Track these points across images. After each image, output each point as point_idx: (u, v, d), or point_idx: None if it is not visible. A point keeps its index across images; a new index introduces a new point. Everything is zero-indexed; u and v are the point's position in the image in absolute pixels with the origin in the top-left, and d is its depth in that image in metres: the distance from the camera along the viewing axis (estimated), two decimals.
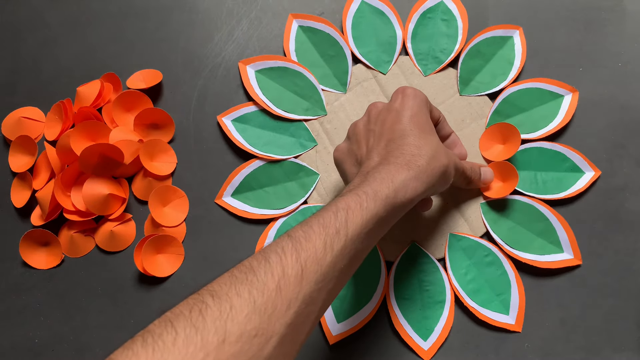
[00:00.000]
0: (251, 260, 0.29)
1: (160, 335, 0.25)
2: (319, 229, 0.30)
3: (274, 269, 0.28)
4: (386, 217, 0.34)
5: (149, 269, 0.46)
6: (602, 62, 0.50)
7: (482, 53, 0.50)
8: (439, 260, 0.46)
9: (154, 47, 0.53)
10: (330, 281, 0.30)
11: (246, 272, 0.28)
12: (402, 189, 0.34)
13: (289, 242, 0.30)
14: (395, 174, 0.35)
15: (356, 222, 0.31)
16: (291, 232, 0.31)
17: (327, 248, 0.30)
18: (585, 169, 0.47)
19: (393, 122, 0.39)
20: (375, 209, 0.33)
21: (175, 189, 0.49)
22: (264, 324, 0.26)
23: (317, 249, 0.29)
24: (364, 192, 0.33)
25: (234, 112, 0.50)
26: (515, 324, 0.44)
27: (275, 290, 0.27)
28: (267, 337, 0.26)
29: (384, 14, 0.51)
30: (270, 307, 0.27)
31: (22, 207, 0.49)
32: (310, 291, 0.29)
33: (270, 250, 0.29)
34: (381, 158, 0.37)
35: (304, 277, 0.28)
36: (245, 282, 0.27)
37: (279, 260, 0.28)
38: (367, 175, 0.35)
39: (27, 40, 0.54)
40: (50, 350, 0.47)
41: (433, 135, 0.39)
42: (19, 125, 0.51)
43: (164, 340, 0.24)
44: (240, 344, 0.25)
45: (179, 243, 0.48)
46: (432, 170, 0.36)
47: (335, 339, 0.45)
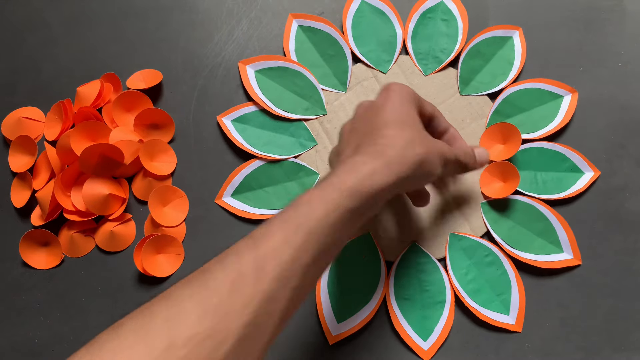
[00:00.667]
0: (210, 263, 0.29)
1: (105, 343, 0.25)
2: (279, 224, 0.30)
3: (229, 269, 0.28)
4: (354, 208, 0.32)
5: (148, 269, 0.46)
6: (602, 62, 0.50)
7: (482, 53, 0.50)
8: (439, 260, 0.46)
9: (154, 47, 0.53)
10: (293, 278, 0.29)
11: (202, 273, 0.28)
12: (369, 179, 0.32)
13: (248, 241, 0.29)
14: (362, 164, 0.33)
15: (318, 215, 0.30)
16: (253, 231, 0.30)
17: (286, 244, 0.29)
18: (585, 169, 0.47)
19: (372, 116, 0.37)
20: (339, 200, 0.31)
21: (175, 189, 0.49)
22: (217, 325, 0.26)
23: (275, 246, 0.29)
24: (328, 184, 0.32)
25: (233, 112, 0.50)
26: (515, 324, 0.44)
27: (229, 290, 0.27)
28: (222, 339, 0.26)
29: (384, 14, 0.51)
30: (223, 307, 0.26)
31: (22, 207, 0.49)
32: (269, 289, 0.28)
33: (229, 252, 0.29)
34: (353, 150, 0.36)
35: (261, 275, 0.28)
36: (199, 284, 0.27)
37: (237, 259, 0.28)
38: (334, 169, 0.34)
39: (27, 40, 0.54)
40: (50, 350, 0.47)
41: (412, 127, 0.37)
42: (19, 125, 0.51)
43: (109, 348, 0.24)
44: (189, 347, 0.25)
45: (179, 243, 0.48)
46: (403, 159, 0.34)
47: (335, 339, 0.45)
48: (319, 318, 0.45)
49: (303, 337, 0.45)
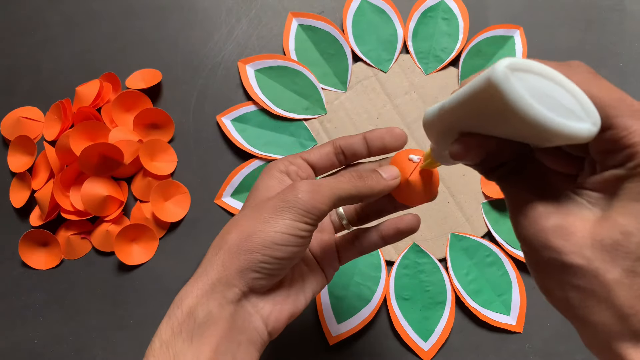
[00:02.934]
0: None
1: None
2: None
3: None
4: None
5: (123, 258, 0.47)
6: (602, 62, 0.50)
7: (483, 52, 0.50)
8: (439, 260, 0.46)
9: (153, 47, 0.53)
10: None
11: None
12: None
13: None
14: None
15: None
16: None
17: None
18: None
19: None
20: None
21: (178, 184, 0.49)
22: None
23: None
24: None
25: (233, 112, 0.50)
26: (516, 324, 0.44)
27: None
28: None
29: (384, 12, 0.51)
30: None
31: (21, 207, 0.49)
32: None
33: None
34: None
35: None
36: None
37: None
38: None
39: (27, 40, 0.54)
40: (50, 350, 0.47)
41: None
42: (18, 125, 0.51)
43: None
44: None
45: (153, 233, 0.48)
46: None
47: (335, 339, 0.45)
48: (319, 318, 0.45)
49: (303, 337, 0.45)
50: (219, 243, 0.29)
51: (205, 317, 0.27)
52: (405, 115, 0.49)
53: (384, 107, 0.50)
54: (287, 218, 0.28)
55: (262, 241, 0.28)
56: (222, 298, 0.27)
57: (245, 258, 0.28)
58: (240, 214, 0.30)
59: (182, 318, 0.27)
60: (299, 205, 0.28)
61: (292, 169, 0.32)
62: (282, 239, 0.28)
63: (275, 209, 0.28)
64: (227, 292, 0.28)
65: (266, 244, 0.28)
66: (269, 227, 0.28)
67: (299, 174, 0.32)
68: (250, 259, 0.28)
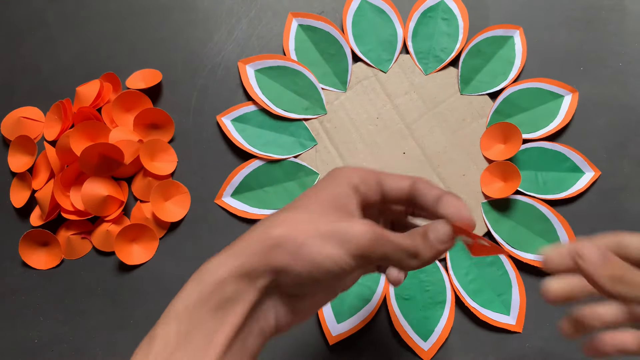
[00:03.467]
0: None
1: None
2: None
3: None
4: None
5: (124, 258, 0.47)
6: (602, 62, 0.50)
7: (483, 52, 0.50)
8: (439, 260, 0.46)
9: (153, 46, 0.53)
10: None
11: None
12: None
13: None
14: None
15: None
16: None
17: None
18: (585, 169, 0.47)
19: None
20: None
21: (178, 184, 0.49)
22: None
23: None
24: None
25: (233, 112, 0.50)
26: (515, 324, 0.44)
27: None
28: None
29: (384, 13, 0.51)
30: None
31: (21, 207, 0.49)
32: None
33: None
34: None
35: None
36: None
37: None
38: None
39: (27, 40, 0.54)
40: (50, 350, 0.47)
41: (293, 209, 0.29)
42: (19, 125, 0.51)
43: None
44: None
45: (153, 233, 0.48)
46: (247, 245, 0.28)
47: (335, 339, 0.45)
48: (319, 318, 0.45)
49: (303, 337, 0.45)
50: (261, 233, 0.28)
51: (233, 294, 0.27)
52: (405, 116, 0.50)
53: (383, 107, 0.50)
54: (342, 250, 0.27)
55: (308, 256, 0.26)
56: (252, 283, 0.27)
57: (286, 261, 0.27)
58: (294, 211, 0.29)
59: (212, 287, 0.27)
60: (358, 246, 0.27)
61: (362, 190, 0.30)
62: (326, 266, 0.27)
63: (334, 233, 0.27)
64: (258, 280, 0.27)
65: (311, 262, 0.26)
66: (318, 246, 0.26)
67: (367, 199, 0.30)
68: (290, 264, 0.27)
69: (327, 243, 0.27)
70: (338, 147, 0.49)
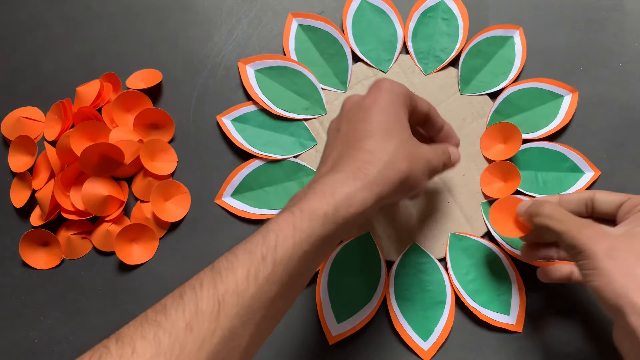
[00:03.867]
0: (167, 298, 0.27)
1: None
2: (244, 255, 0.28)
3: (186, 306, 0.26)
4: (328, 235, 0.30)
5: (124, 258, 0.47)
6: (602, 62, 0.50)
7: (483, 52, 0.50)
8: (439, 260, 0.46)
9: (153, 47, 0.53)
10: (258, 312, 0.28)
11: (158, 311, 0.26)
12: (345, 203, 0.30)
13: (208, 275, 0.27)
14: (339, 186, 0.31)
15: (287, 246, 0.28)
16: (216, 262, 0.28)
17: (251, 278, 0.27)
18: (585, 169, 0.47)
19: (359, 122, 0.35)
20: (311, 229, 0.29)
21: (178, 184, 0.49)
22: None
23: (238, 280, 0.27)
24: (299, 210, 0.30)
25: (233, 112, 0.50)
26: (515, 324, 0.44)
27: (184, 329, 0.25)
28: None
29: (384, 13, 0.51)
30: (177, 347, 0.25)
31: (21, 207, 0.49)
32: (230, 326, 0.26)
33: (188, 285, 0.27)
34: (333, 164, 0.34)
35: (221, 312, 0.26)
36: (153, 322, 0.26)
37: (194, 295, 0.26)
38: (311, 186, 0.32)
39: (27, 40, 0.54)
40: (50, 350, 0.47)
41: (397, 137, 0.34)
42: (19, 125, 0.51)
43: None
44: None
45: (154, 233, 0.48)
46: (384, 179, 0.32)
47: (335, 339, 0.45)
48: (319, 318, 0.45)
49: (303, 337, 0.45)
50: (391, 165, 0.33)
51: (369, 216, 0.34)
52: None
53: None
54: (427, 174, 0.36)
55: (415, 185, 0.35)
56: (378, 204, 0.33)
57: (407, 190, 0.35)
58: (393, 138, 0.34)
59: (360, 211, 0.31)
60: (435, 167, 0.37)
61: (407, 105, 0.37)
62: (422, 186, 0.36)
63: (426, 162, 0.36)
64: (383, 201, 0.33)
65: (416, 187, 0.35)
66: (421, 175, 0.35)
67: (407, 113, 0.37)
68: (406, 192, 0.35)
69: (424, 174, 0.36)
70: None
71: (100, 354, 0.25)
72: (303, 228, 0.29)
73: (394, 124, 0.35)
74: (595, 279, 0.32)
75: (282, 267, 0.28)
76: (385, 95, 0.35)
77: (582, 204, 0.39)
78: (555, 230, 0.36)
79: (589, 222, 0.35)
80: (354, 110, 0.36)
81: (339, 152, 0.34)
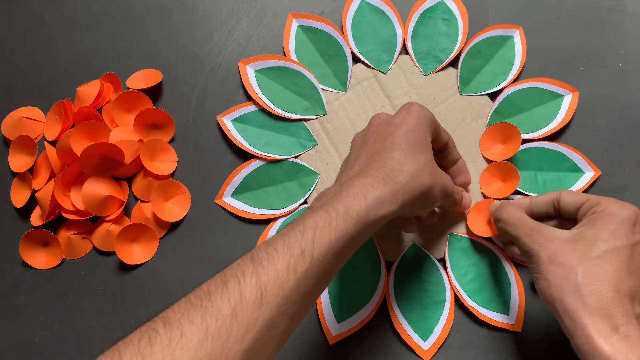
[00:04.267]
0: (209, 284, 0.28)
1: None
2: (283, 249, 0.29)
3: (230, 294, 0.27)
4: (357, 235, 0.32)
5: (125, 258, 0.47)
6: (602, 62, 0.50)
7: (483, 52, 0.50)
8: (439, 260, 0.46)
9: (154, 47, 0.53)
10: (294, 305, 0.29)
11: (202, 297, 0.27)
12: (375, 207, 0.33)
13: (250, 265, 0.28)
14: (370, 189, 0.33)
15: (323, 243, 0.30)
16: (255, 252, 0.29)
17: (291, 271, 0.28)
18: (585, 169, 0.47)
19: (386, 135, 0.38)
20: (345, 228, 0.31)
21: (178, 184, 0.49)
22: (217, 350, 0.25)
23: (280, 272, 0.28)
24: (334, 210, 0.31)
25: (233, 112, 0.50)
26: (515, 323, 0.44)
27: (230, 315, 0.26)
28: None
29: (384, 13, 0.51)
30: (224, 333, 0.26)
31: (22, 207, 0.49)
32: (270, 316, 0.27)
33: (230, 274, 0.28)
34: (361, 168, 0.36)
35: (263, 301, 0.27)
36: (199, 307, 0.26)
37: (237, 284, 0.27)
38: (342, 187, 0.33)
39: (27, 40, 0.54)
40: (50, 350, 0.47)
41: (423, 154, 0.37)
42: (19, 125, 0.51)
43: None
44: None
45: (154, 233, 0.48)
46: (410, 188, 0.35)
47: (335, 339, 0.45)
48: (319, 318, 0.45)
49: (303, 337, 0.45)
50: (417, 179, 0.35)
51: (384, 221, 0.34)
52: None
53: (383, 108, 0.50)
54: (444, 197, 0.40)
55: (436, 201, 0.39)
56: (397, 213, 0.35)
57: (429, 204, 0.38)
58: (421, 154, 0.37)
59: (377, 221, 0.33)
60: (450, 192, 0.40)
61: (431, 131, 0.40)
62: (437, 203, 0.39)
63: (444, 183, 0.39)
64: (401, 210, 0.35)
65: (435, 202, 0.38)
66: (439, 195, 0.38)
67: (436, 141, 0.41)
68: (429, 205, 0.39)
69: (440, 195, 0.38)
70: (338, 147, 0.49)
71: (149, 336, 0.25)
72: (338, 227, 0.31)
73: (421, 142, 0.38)
74: (538, 282, 0.35)
75: (317, 262, 0.30)
76: (415, 116, 0.38)
77: (550, 204, 0.41)
78: (510, 234, 0.39)
79: (540, 227, 0.37)
80: (382, 125, 0.39)
81: (367, 159, 0.37)
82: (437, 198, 0.38)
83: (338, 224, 0.31)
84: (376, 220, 0.33)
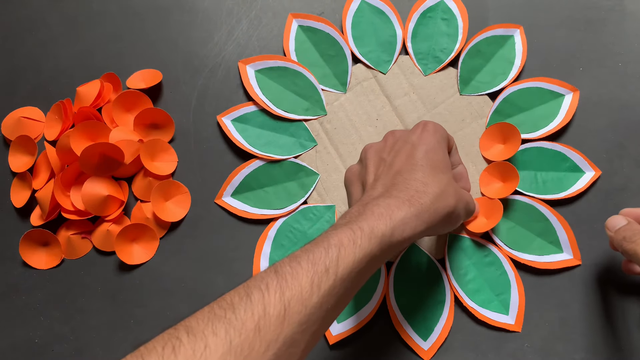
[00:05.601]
0: (233, 296, 0.27)
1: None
2: (308, 265, 0.29)
3: (254, 307, 0.26)
4: (380, 255, 0.32)
5: (125, 258, 0.47)
6: (602, 62, 0.50)
7: (483, 52, 0.50)
8: (438, 260, 0.46)
9: (153, 47, 0.53)
10: (315, 322, 0.28)
11: (226, 308, 0.27)
12: (400, 227, 0.32)
13: (274, 279, 0.28)
14: (395, 210, 0.33)
15: (348, 261, 0.30)
16: (278, 266, 0.29)
17: (314, 287, 0.28)
18: (585, 169, 0.47)
19: (406, 155, 0.38)
20: (370, 248, 0.31)
21: (178, 184, 0.49)
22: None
23: (303, 288, 0.28)
24: (359, 228, 0.31)
25: (233, 112, 0.50)
26: (515, 324, 0.44)
27: (254, 330, 0.26)
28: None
29: (384, 14, 0.51)
30: (247, 348, 0.25)
31: (21, 207, 0.49)
32: (292, 333, 0.27)
33: (254, 286, 0.28)
34: (385, 189, 0.36)
35: (286, 317, 0.27)
36: (223, 319, 0.26)
37: (261, 297, 0.27)
38: (366, 207, 0.33)
39: (27, 40, 0.54)
40: (50, 350, 0.47)
41: (445, 174, 0.37)
42: (19, 125, 0.51)
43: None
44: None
45: (154, 232, 0.48)
46: (435, 209, 0.35)
47: (335, 339, 0.45)
48: None
49: None
50: (441, 201, 0.35)
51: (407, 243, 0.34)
52: (405, 117, 0.50)
53: (383, 108, 0.50)
54: (467, 216, 0.41)
55: (459, 222, 0.39)
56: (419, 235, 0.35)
57: (451, 226, 0.38)
58: (442, 174, 0.37)
59: (399, 243, 0.33)
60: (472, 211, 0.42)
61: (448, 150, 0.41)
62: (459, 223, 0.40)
63: (467, 202, 0.40)
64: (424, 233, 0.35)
65: (458, 223, 0.39)
66: (461, 217, 0.39)
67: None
68: (451, 227, 0.39)
69: (463, 214, 0.39)
70: (338, 147, 0.49)
71: (173, 345, 0.25)
72: (363, 246, 0.30)
73: (441, 163, 0.38)
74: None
75: (341, 281, 0.29)
76: (431, 134, 0.39)
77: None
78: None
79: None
80: (399, 144, 0.39)
81: (390, 180, 0.36)
82: (461, 217, 0.38)
83: (363, 243, 0.31)
84: (401, 241, 0.33)
